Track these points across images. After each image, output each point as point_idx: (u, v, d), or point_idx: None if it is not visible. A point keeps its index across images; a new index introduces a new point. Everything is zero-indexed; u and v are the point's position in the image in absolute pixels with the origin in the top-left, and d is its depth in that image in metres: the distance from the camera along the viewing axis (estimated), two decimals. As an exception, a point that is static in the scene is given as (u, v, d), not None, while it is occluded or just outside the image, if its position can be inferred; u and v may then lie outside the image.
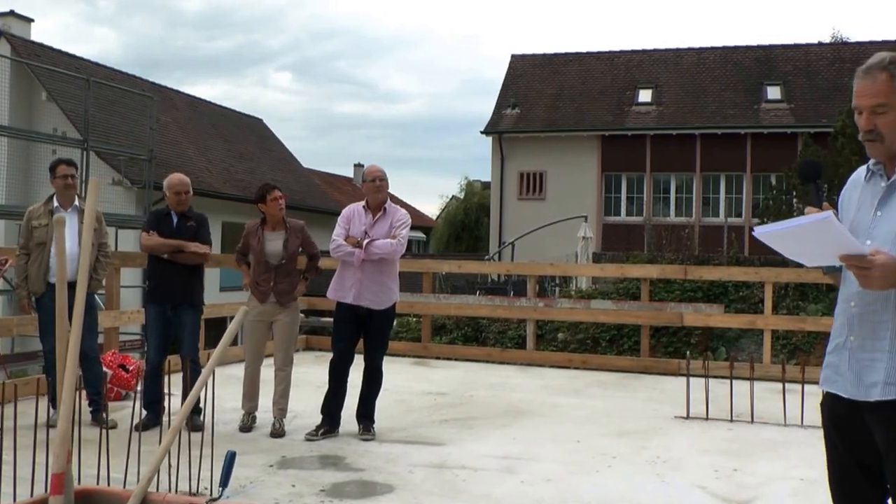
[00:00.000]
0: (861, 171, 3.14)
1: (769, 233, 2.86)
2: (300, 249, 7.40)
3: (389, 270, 7.02)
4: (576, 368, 11.39)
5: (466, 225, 47.75)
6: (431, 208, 69.13)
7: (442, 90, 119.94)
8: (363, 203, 7.11)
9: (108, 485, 4.77)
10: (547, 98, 33.44)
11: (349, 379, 7.13)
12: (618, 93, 32.84)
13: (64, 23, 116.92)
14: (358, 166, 56.68)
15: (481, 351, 12.33)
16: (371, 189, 7.03)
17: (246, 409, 7.27)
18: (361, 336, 7.10)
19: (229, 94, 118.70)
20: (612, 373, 11.07)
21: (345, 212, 7.17)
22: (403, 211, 7.17)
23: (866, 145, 2.98)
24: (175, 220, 7.36)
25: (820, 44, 35.18)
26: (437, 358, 12.10)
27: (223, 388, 7.93)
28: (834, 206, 3.07)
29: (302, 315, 19.30)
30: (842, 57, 30.48)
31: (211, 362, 3.55)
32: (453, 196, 55.17)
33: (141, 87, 29.28)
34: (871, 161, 3.05)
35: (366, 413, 7.05)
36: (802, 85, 30.71)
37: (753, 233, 2.94)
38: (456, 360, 12.00)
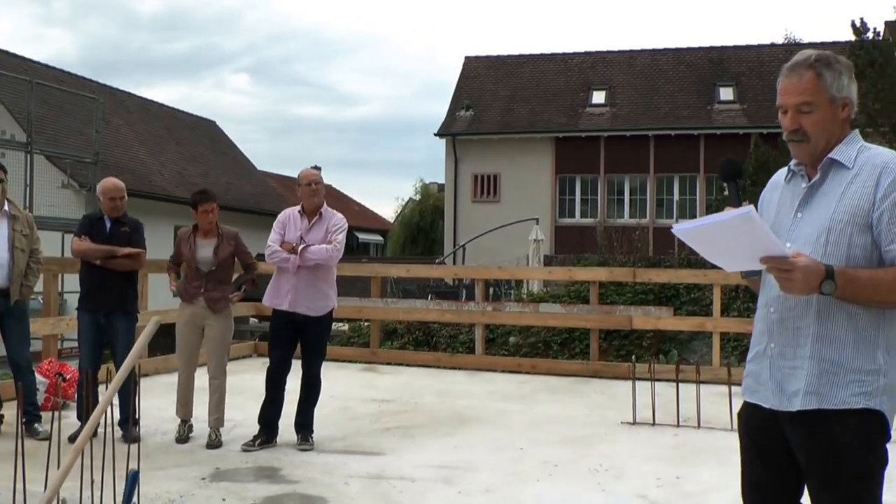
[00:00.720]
0: (782, 172, 3.06)
1: (687, 230, 2.72)
2: (234, 258, 7.19)
3: (326, 276, 6.85)
4: (525, 373, 11.26)
5: (422, 227, 47.63)
6: (390, 211, 68.93)
7: (400, 92, 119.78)
8: (299, 207, 6.95)
9: (25, 500, 4.58)
10: (500, 100, 33.43)
11: (290, 387, 6.97)
12: (571, 94, 32.90)
13: (16, 24, 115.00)
14: (315, 169, 56.14)
15: (430, 356, 12.17)
16: (306, 193, 6.86)
17: (180, 415, 7.06)
18: (299, 343, 6.94)
19: (186, 96, 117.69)
20: (561, 377, 10.94)
21: (280, 216, 7.00)
22: (340, 215, 7.01)
23: (790, 146, 2.90)
24: (108, 225, 7.13)
25: (772, 45, 35.58)
26: (388, 363, 11.92)
27: (166, 397, 7.75)
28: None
29: (255, 320, 19.11)
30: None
31: (119, 374, 3.38)
32: (410, 198, 55.03)
33: (91, 89, 28.88)
34: (793, 162, 2.97)
35: (304, 422, 6.87)
36: (755, 86, 30.90)
37: (672, 230, 2.81)
38: (405, 365, 11.82)
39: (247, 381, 9.09)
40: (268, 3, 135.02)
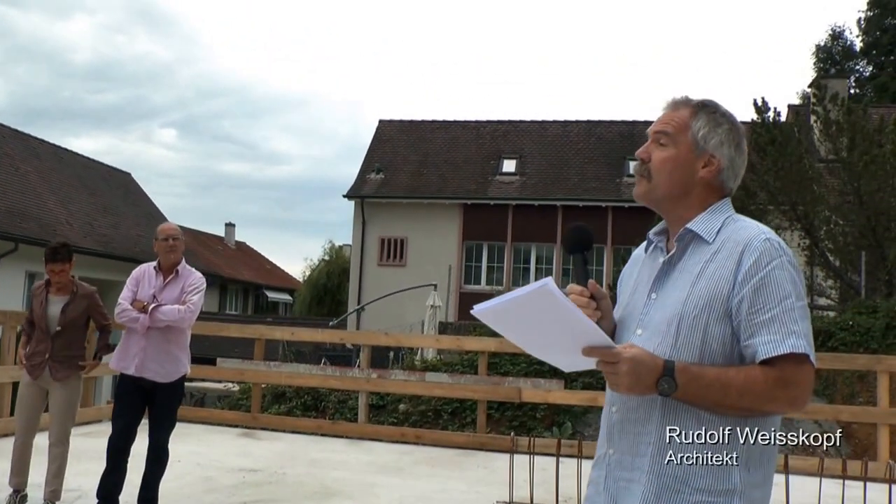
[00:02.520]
0: (643, 244, 2.63)
1: (487, 310, 2.20)
2: (87, 319, 6.66)
3: (178, 339, 6.35)
4: (410, 443, 10.81)
5: (329, 289, 47.39)
6: (300, 271, 68.60)
7: (323, 153, 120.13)
8: (155, 263, 6.49)
9: None
10: (411, 164, 33.41)
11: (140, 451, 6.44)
12: (482, 162, 33.03)
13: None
14: (229, 225, 55.88)
15: (311, 423, 11.65)
16: (163, 249, 6.39)
17: (13, 485, 6.44)
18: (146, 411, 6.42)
19: (114, 147, 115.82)
20: (446, 448, 10.50)
21: (134, 272, 6.52)
22: (199, 275, 6.55)
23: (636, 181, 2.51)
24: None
25: (681, 121, 36.28)
26: (273, 430, 11.36)
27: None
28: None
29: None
30: (700, 135, 31.29)
31: None
32: (321, 259, 54.77)
33: (2, 133, 28.36)
34: (652, 230, 2.55)
35: (147, 496, 6.31)
36: (662, 161, 31.37)
37: (472, 311, 2.26)
38: (286, 431, 11.28)
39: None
40: (199, 60, 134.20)
